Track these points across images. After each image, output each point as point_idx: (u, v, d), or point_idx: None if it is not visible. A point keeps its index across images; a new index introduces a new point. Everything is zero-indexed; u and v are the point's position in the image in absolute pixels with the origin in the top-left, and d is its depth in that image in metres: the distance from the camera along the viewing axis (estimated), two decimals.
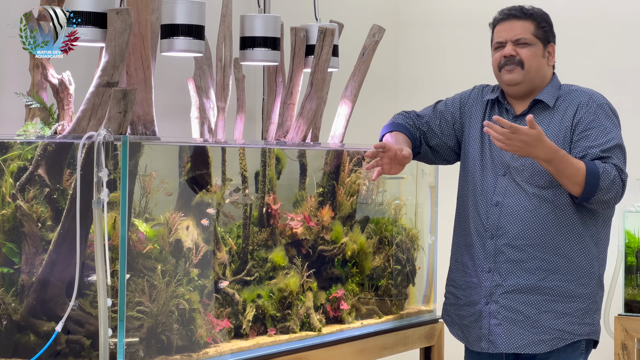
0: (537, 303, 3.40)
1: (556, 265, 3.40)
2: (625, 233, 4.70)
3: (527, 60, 3.45)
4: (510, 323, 3.41)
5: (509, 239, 3.42)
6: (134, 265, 2.98)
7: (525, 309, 3.41)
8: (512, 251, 3.42)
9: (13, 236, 3.02)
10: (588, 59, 5.26)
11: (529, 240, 3.40)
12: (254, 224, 3.47)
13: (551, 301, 3.40)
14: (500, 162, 3.48)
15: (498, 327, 3.43)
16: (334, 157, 3.81)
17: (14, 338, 2.99)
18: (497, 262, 3.43)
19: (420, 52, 5.78)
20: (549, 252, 3.40)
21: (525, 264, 3.41)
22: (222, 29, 3.69)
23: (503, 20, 3.50)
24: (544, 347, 3.40)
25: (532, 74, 3.46)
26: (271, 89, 3.97)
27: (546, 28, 3.50)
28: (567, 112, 3.45)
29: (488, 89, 3.63)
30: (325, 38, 3.79)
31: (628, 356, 4.64)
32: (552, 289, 3.40)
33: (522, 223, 3.41)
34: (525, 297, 3.41)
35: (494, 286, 3.44)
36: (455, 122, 3.64)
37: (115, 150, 2.87)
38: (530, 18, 3.48)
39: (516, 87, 3.48)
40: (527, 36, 3.46)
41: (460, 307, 3.58)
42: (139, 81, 3.13)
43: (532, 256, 3.40)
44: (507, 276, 3.42)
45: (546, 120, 3.46)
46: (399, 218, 4.09)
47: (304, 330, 3.58)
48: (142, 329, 2.99)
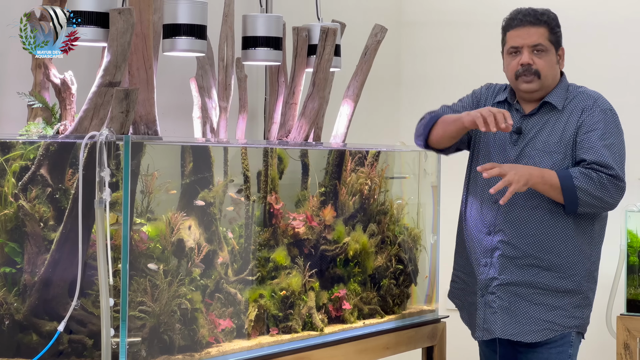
0: (529, 296, 3.51)
1: (549, 263, 3.50)
2: (628, 233, 4.70)
3: (543, 70, 3.51)
4: (503, 312, 3.52)
5: (506, 236, 3.51)
6: (136, 265, 2.98)
7: (517, 301, 3.52)
8: (507, 248, 3.51)
9: (15, 236, 3.02)
10: (591, 58, 5.25)
11: (525, 239, 3.50)
12: (257, 223, 3.47)
13: (543, 295, 3.51)
14: (504, 161, 3.54)
15: (494, 315, 3.53)
16: (336, 156, 3.81)
17: (17, 338, 2.99)
18: (493, 258, 3.53)
19: (422, 51, 5.78)
20: (544, 251, 3.49)
21: (520, 261, 3.51)
22: (224, 29, 3.69)
23: (518, 27, 3.52)
24: (535, 336, 3.52)
25: (548, 82, 3.54)
26: (273, 89, 3.97)
27: (558, 32, 3.56)
28: (572, 115, 3.52)
29: (497, 89, 3.69)
30: (328, 38, 3.79)
31: (630, 356, 4.64)
32: (544, 284, 3.51)
33: (518, 222, 3.50)
34: (518, 289, 3.52)
35: (489, 279, 3.54)
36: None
37: (118, 150, 2.87)
38: (544, 24, 3.52)
39: (533, 94, 3.55)
40: (544, 42, 3.51)
41: (469, 293, 3.68)
42: (141, 81, 3.13)
43: (527, 254, 3.50)
44: (502, 271, 3.52)
45: (552, 121, 3.53)
46: (401, 218, 4.09)
47: (306, 330, 3.58)
48: (145, 329, 2.99)
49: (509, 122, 3.32)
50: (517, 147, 3.53)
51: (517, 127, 3.54)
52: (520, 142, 3.53)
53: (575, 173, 3.40)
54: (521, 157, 3.51)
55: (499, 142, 3.57)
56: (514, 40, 3.53)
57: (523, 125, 3.54)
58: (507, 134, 3.54)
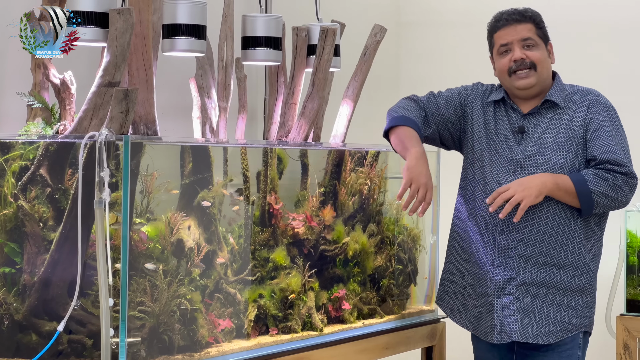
0: (546, 296, 3.48)
1: (564, 260, 3.47)
2: (627, 233, 4.70)
3: (538, 62, 3.50)
4: (522, 314, 3.48)
5: (521, 235, 3.47)
6: (135, 265, 2.98)
7: (535, 301, 3.48)
8: (523, 247, 3.48)
9: (15, 236, 3.02)
10: (590, 58, 5.26)
11: (540, 237, 3.46)
12: (256, 223, 3.47)
13: (559, 294, 3.48)
14: (510, 160, 3.51)
15: (511, 318, 3.49)
16: (336, 156, 3.81)
17: (16, 338, 2.99)
18: (509, 257, 3.49)
19: (422, 51, 5.78)
20: (558, 249, 3.47)
21: (536, 259, 3.48)
22: (223, 29, 3.69)
23: (504, 26, 3.52)
24: (551, 338, 3.48)
25: (544, 75, 3.52)
26: (273, 89, 3.97)
27: (544, 28, 3.56)
28: (577, 111, 3.51)
29: (489, 89, 3.65)
30: (327, 38, 3.79)
31: (630, 356, 4.64)
32: (560, 283, 3.48)
33: (533, 220, 3.46)
34: (536, 290, 3.48)
35: (506, 280, 3.50)
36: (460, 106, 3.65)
37: (117, 150, 2.87)
38: (530, 20, 3.52)
39: (530, 90, 3.52)
40: (533, 36, 3.51)
41: (467, 296, 3.63)
42: (140, 81, 3.13)
43: (542, 252, 3.47)
44: (519, 271, 3.48)
45: (556, 119, 3.52)
46: (401, 218, 4.08)
47: (305, 330, 3.58)
48: (144, 329, 2.99)
49: (419, 215, 3.42)
50: (523, 146, 3.50)
51: (520, 126, 3.52)
52: (526, 142, 3.51)
53: (589, 177, 3.40)
54: (532, 157, 3.48)
55: (503, 142, 3.53)
56: (503, 39, 3.51)
57: (525, 124, 3.52)
58: (509, 134, 3.53)
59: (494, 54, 3.57)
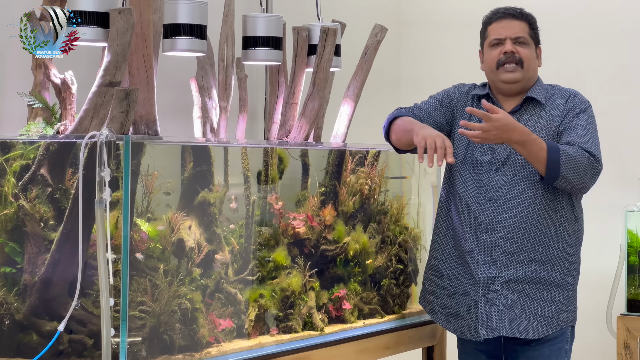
0: (530, 291, 3.53)
1: (548, 256, 3.53)
2: (628, 233, 4.71)
3: (526, 60, 3.56)
4: (508, 310, 3.52)
5: (505, 232, 3.52)
6: (136, 264, 2.98)
7: (520, 297, 3.53)
8: (507, 244, 3.52)
9: (15, 236, 3.02)
10: (590, 59, 5.26)
11: (524, 233, 3.51)
12: (256, 223, 3.47)
13: (542, 290, 3.54)
14: (492, 158, 3.55)
15: (498, 314, 3.53)
16: (336, 156, 3.81)
17: (17, 338, 2.99)
18: (493, 255, 3.54)
19: (422, 51, 5.78)
20: (542, 244, 3.53)
21: (520, 256, 3.52)
22: (224, 29, 3.69)
23: (500, 19, 3.60)
24: (537, 332, 3.54)
25: (529, 74, 3.58)
26: (273, 89, 3.97)
27: (537, 31, 3.64)
28: (555, 107, 3.57)
29: (472, 87, 3.70)
30: (328, 37, 3.79)
31: (630, 355, 4.64)
32: (544, 278, 3.54)
33: (517, 216, 3.51)
34: (520, 286, 3.53)
35: (492, 277, 3.54)
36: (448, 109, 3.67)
37: (118, 150, 2.87)
38: (525, 19, 3.61)
39: (513, 86, 3.57)
40: (525, 35, 3.58)
41: (446, 296, 3.68)
42: (141, 81, 3.13)
43: (526, 248, 3.52)
44: (504, 268, 3.53)
45: (536, 116, 3.57)
46: (401, 218, 4.08)
47: (306, 330, 3.58)
48: (145, 329, 2.99)
49: (450, 160, 3.28)
50: (505, 145, 3.51)
51: None
52: None
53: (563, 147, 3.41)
54: (511, 155, 3.51)
55: None
56: (496, 33, 3.58)
57: None
58: None
59: (485, 45, 3.64)
